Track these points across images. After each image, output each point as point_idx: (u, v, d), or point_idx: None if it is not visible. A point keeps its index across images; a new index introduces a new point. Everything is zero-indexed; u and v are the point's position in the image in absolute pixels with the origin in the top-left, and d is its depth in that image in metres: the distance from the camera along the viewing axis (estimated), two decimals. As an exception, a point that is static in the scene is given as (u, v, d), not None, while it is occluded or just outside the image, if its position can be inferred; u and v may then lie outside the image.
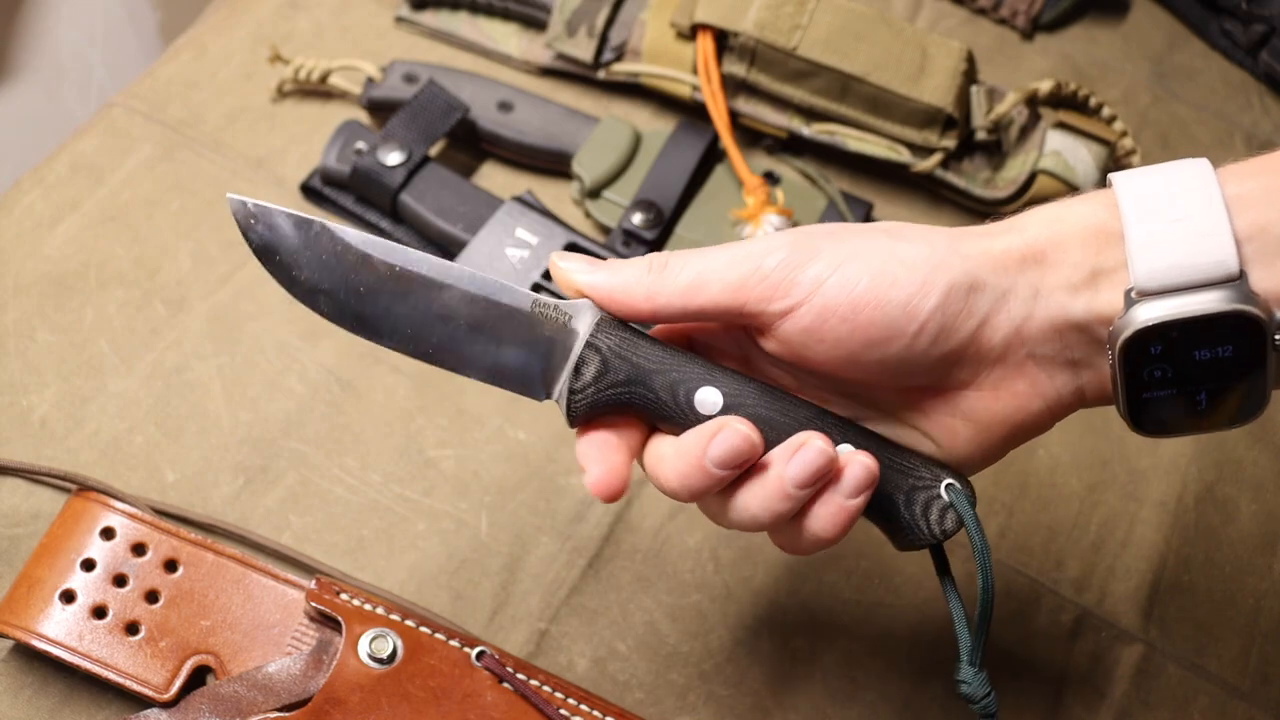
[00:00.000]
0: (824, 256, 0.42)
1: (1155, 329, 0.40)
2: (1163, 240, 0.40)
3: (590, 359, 0.44)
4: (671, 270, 0.43)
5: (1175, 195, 0.40)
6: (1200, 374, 0.41)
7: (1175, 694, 0.62)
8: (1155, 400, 0.42)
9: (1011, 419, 0.44)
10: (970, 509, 0.44)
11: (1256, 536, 0.68)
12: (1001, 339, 0.42)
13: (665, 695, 0.59)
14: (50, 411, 0.64)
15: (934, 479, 0.44)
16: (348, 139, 0.73)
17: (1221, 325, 0.40)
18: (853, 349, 0.42)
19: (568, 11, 0.78)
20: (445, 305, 0.44)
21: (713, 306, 0.43)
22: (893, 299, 0.41)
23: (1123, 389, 0.42)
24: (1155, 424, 0.43)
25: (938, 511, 0.44)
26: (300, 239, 0.44)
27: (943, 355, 0.42)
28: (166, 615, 0.56)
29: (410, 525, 0.63)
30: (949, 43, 0.75)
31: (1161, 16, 0.91)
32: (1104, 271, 0.41)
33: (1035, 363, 0.43)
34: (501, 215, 0.70)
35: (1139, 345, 0.40)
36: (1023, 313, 0.42)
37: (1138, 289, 0.40)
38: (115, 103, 0.77)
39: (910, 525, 0.45)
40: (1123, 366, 0.41)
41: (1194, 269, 0.40)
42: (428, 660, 0.55)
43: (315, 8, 0.82)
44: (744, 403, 0.44)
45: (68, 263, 0.69)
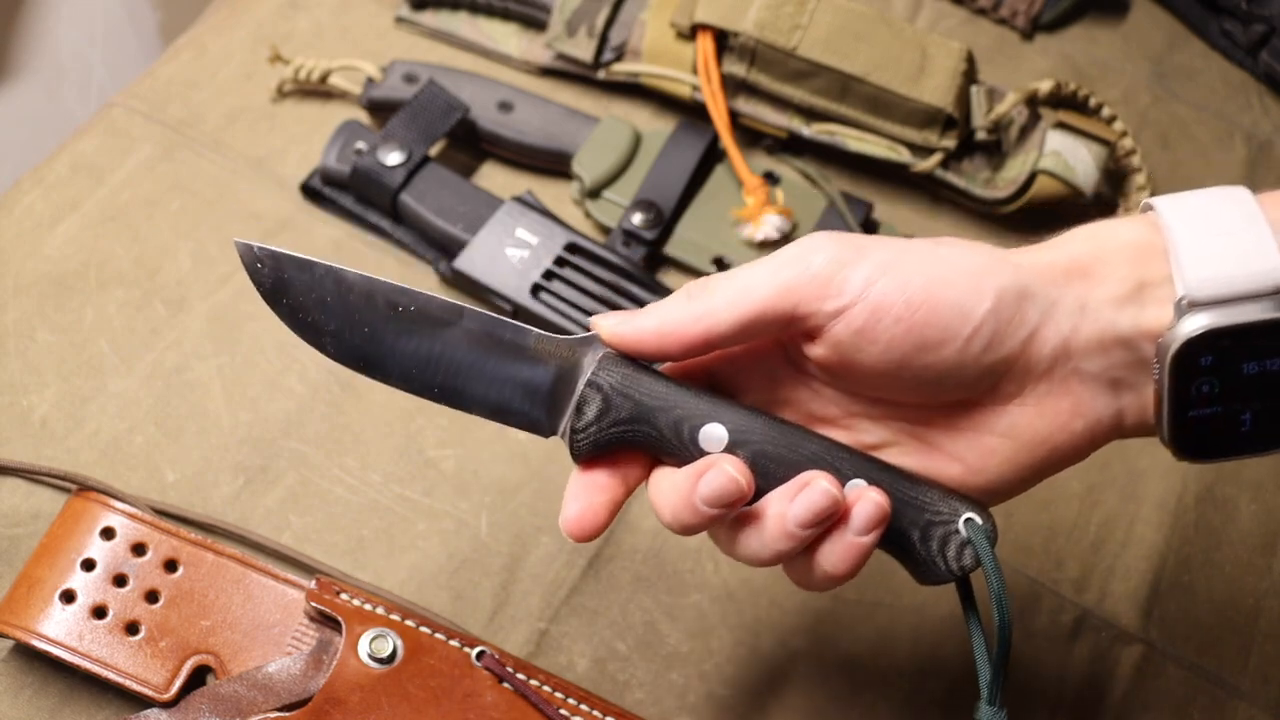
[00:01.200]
0: (872, 256, 0.41)
1: (1207, 337, 0.40)
2: (1211, 251, 0.40)
3: (592, 398, 0.43)
4: (713, 288, 0.43)
5: (1219, 213, 0.41)
6: (1248, 390, 0.41)
7: (1175, 694, 0.62)
8: (1199, 420, 0.41)
9: (1051, 439, 0.43)
10: (988, 546, 0.43)
11: (1256, 536, 0.68)
12: (1050, 352, 0.42)
13: (665, 695, 0.59)
14: (50, 411, 0.64)
15: (952, 514, 0.43)
16: (348, 139, 0.73)
17: (1273, 334, 0.40)
18: (905, 352, 0.41)
19: (568, 11, 0.78)
20: (449, 344, 0.44)
21: (764, 312, 0.42)
22: (947, 300, 0.41)
23: (1169, 405, 0.41)
24: (1198, 446, 0.42)
25: (955, 548, 0.43)
26: (306, 280, 0.44)
27: (993, 364, 0.42)
28: (166, 615, 0.56)
29: (410, 525, 0.63)
30: (949, 43, 0.75)
31: (1161, 16, 0.91)
32: (1149, 285, 0.41)
33: (1080, 380, 0.42)
34: (501, 215, 0.70)
35: (1190, 355, 0.40)
36: (1070, 326, 0.42)
37: (1189, 298, 0.40)
38: (115, 103, 0.77)
39: (927, 561, 0.44)
40: (1171, 379, 0.41)
41: (1244, 278, 0.40)
42: (428, 660, 0.55)
43: (315, 8, 0.82)
44: (750, 439, 0.43)
45: (68, 263, 0.69)
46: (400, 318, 0.44)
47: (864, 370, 0.43)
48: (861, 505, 0.42)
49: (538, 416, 0.45)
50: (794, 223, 0.73)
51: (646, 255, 0.72)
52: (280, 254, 0.44)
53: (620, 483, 0.44)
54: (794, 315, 0.42)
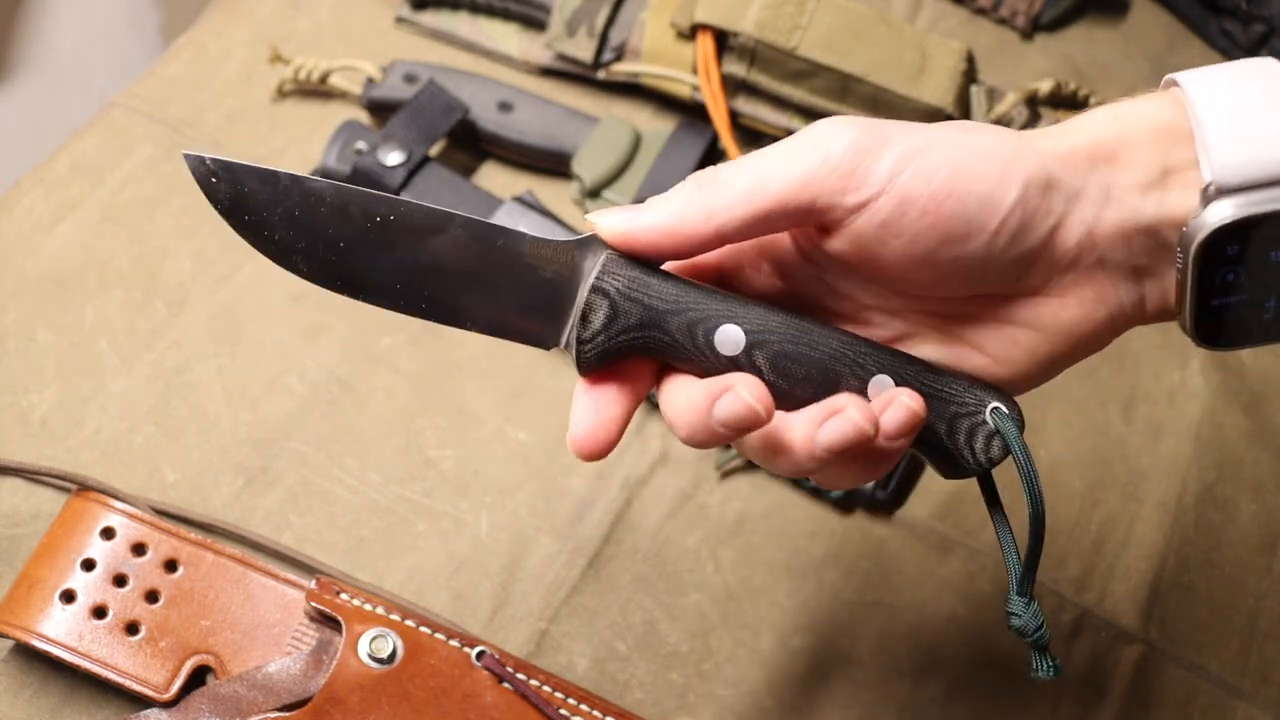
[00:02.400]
0: (895, 144, 0.39)
1: (1233, 226, 0.38)
2: (1239, 132, 0.38)
3: (598, 304, 0.40)
4: (725, 180, 0.40)
5: (1247, 89, 0.39)
6: (1274, 277, 0.39)
7: (1175, 694, 0.62)
8: (1223, 308, 0.40)
9: (1076, 328, 0.41)
10: (1017, 433, 0.41)
11: (1256, 536, 0.68)
12: (1075, 242, 0.40)
13: (665, 695, 0.59)
14: (50, 411, 0.64)
15: (978, 404, 0.42)
16: (348, 139, 0.73)
17: None
18: (930, 245, 0.39)
19: (568, 12, 0.78)
20: (435, 254, 0.41)
21: (780, 206, 0.39)
22: (974, 191, 0.39)
23: (1192, 294, 0.39)
24: (1220, 334, 0.40)
25: (983, 439, 0.42)
26: (269, 194, 0.41)
27: (1020, 255, 0.40)
28: (167, 615, 0.56)
29: (410, 525, 0.63)
30: (949, 43, 0.75)
31: (1161, 16, 0.91)
32: (1174, 170, 0.39)
33: (1104, 269, 0.41)
34: (501, 215, 0.70)
35: (1216, 243, 0.38)
36: (1094, 214, 0.40)
37: (1216, 184, 0.38)
38: (115, 103, 0.77)
39: (955, 454, 0.42)
40: (1195, 268, 0.39)
41: (1271, 163, 0.38)
42: (428, 660, 0.55)
43: (315, 8, 0.82)
44: (769, 339, 0.41)
45: (68, 263, 0.69)
46: (380, 228, 0.41)
47: (886, 263, 0.41)
48: (892, 411, 0.40)
49: (538, 327, 0.42)
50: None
51: (646, 255, 0.72)
52: (237, 165, 0.41)
53: (630, 394, 0.42)
54: (813, 208, 0.39)
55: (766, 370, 0.41)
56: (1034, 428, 0.69)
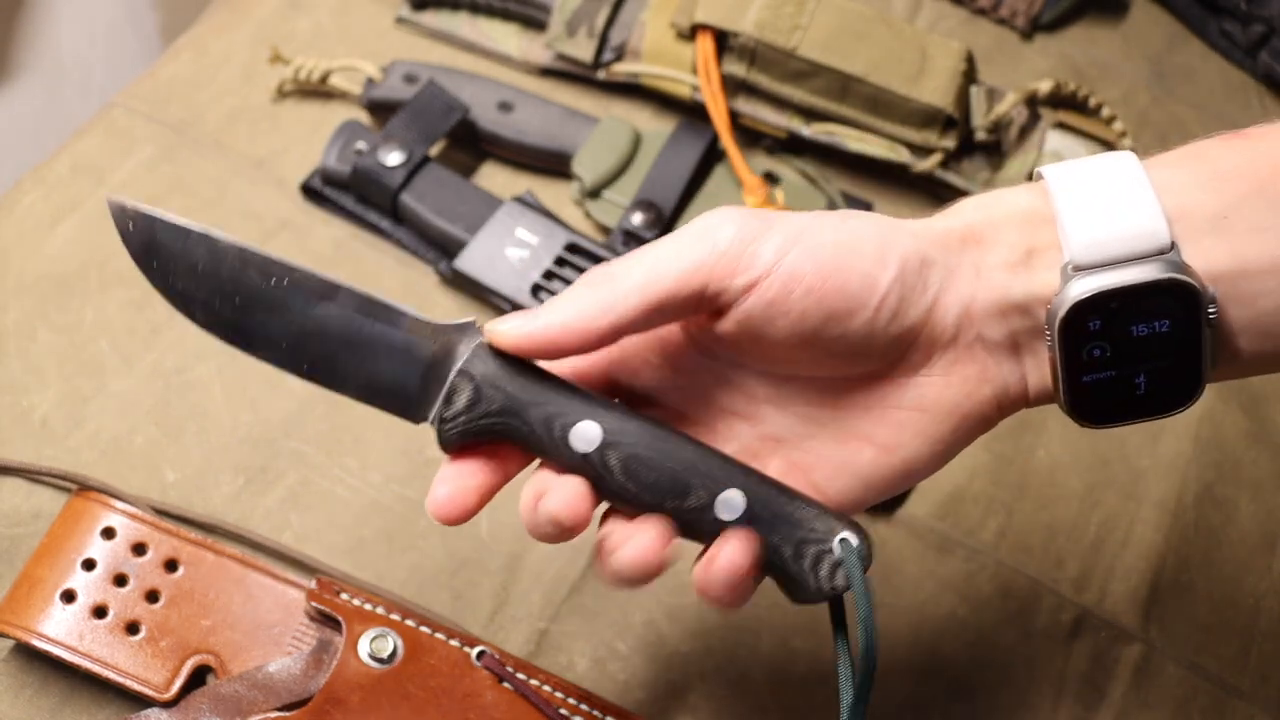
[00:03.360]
0: (779, 227, 0.41)
1: (1093, 300, 0.40)
2: (1094, 215, 0.41)
3: (462, 387, 0.42)
4: (618, 275, 0.41)
5: (1103, 177, 0.41)
6: (1139, 352, 0.41)
7: (1175, 694, 0.62)
8: (1094, 384, 0.42)
9: (960, 407, 0.43)
10: (859, 568, 0.42)
11: (1256, 536, 0.68)
12: (953, 318, 0.42)
13: (665, 695, 0.59)
14: (51, 411, 0.64)
15: (827, 532, 0.42)
16: (348, 139, 0.73)
17: (1158, 295, 0.40)
18: (816, 323, 0.41)
19: (568, 12, 0.78)
20: (320, 321, 0.43)
21: (673, 294, 0.41)
22: (855, 268, 0.41)
23: (1062, 370, 0.41)
24: (1095, 410, 0.42)
25: (828, 567, 0.43)
26: (178, 246, 0.43)
27: (901, 332, 0.42)
28: (167, 615, 0.56)
29: (410, 525, 0.63)
30: (949, 43, 0.75)
31: (1161, 16, 0.91)
32: (1038, 250, 0.41)
33: (984, 347, 0.43)
34: (501, 215, 0.70)
35: (1077, 320, 0.40)
36: (969, 291, 0.42)
37: (1073, 263, 0.40)
38: (116, 103, 0.77)
39: (798, 579, 0.43)
40: (1062, 344, 0.41)
41: (1127, 240, 0.40)
42: (428, 660, 0.55)
43: (315, 8, 0.82)
44: (624, 440, 0.42)
45: (68, 263, 0.69)
46: (273, 290, 0.43)
47: (773, 343, 0.42)
48: (722, 557, 0.42)
49: (407, 402, 0.43)
50: (794, 223, 0.73)
51: (646, 255, 0.72)
52: (154, 216, 0.43)
53: (496, 471, 0.44)
54: (704, 294, 0.41)
55: (618, 471, 0.42)
56: (1034, 428, 0.69)
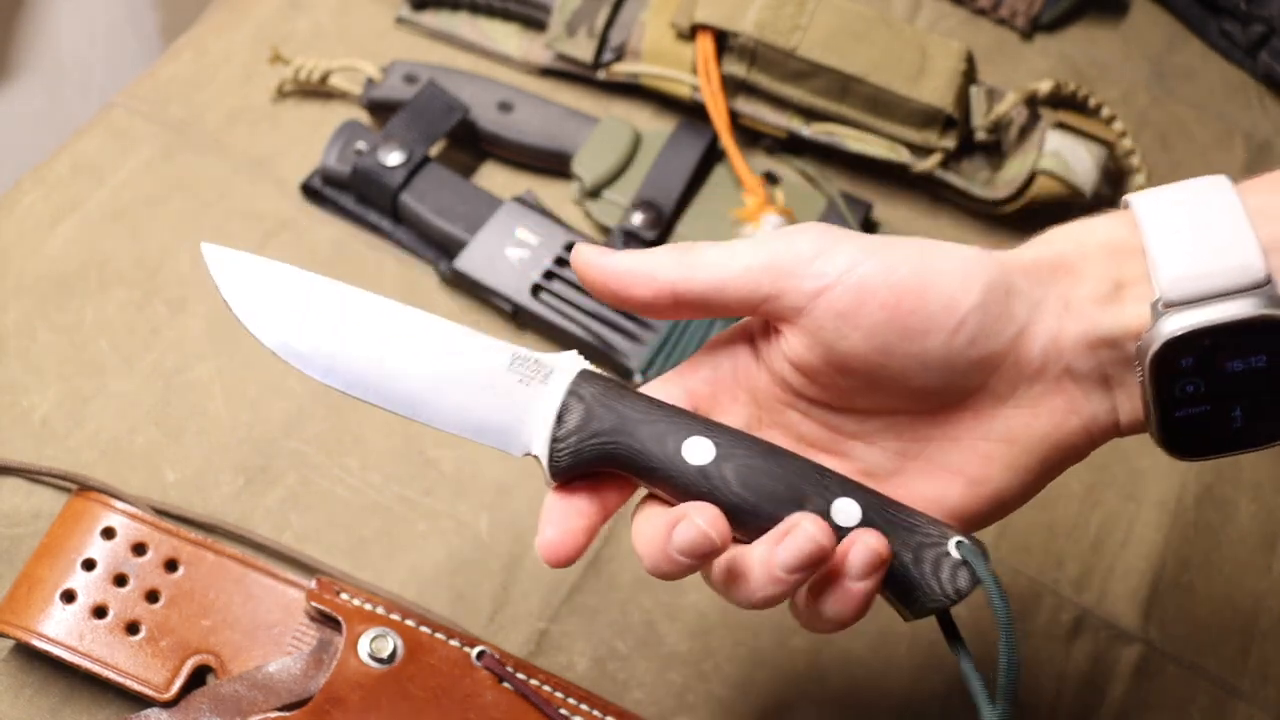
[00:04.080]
0: (855, 243, 0.41)
1: (1184, 339, 0.39)
2: (1185, 249, 0.39)
3: (574, 406, 0.42)
4: (699, 249, 0.42)
5: (1195, 206, 0.40)
6: (1234, 388, 0.40)
7: (1175, 694, 0.62)
8: (1189, 419, 0.40)
9: (1049, 438, 0.42)
10: (986, 564, 0.41)
11: (1256, 536, 0.68)
12: (1040, 351, 0.41)
13: (665, 695, 0.59)
14: (51, 411, 0.64)
15: (941, 536, 0.41)
16: (348, 139, 0.73)
17: (1253, 332, 0.39)
18: (888, 340, 0.40)
19: (568, 12, 0.78)
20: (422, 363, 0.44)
21: (742, 285, 0.41)
22: (934, 287, 0.40)
23: (1154, 407, 0.40)
24: (1190, 444, 0.41)
25: (949, 569, 0.41)
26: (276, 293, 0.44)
27: (981, 359, 0.41)
28: (167, 615, 0.56)
29: (410, 525, 0.63)
30: (949, 43, 0.75)
31: (1161, 17, 0.91)
32: (1126, 284, 0.40)
33: (1072, 379, 0.41)
34: (501, 215, 0.70)
35: (1169, 358, 0.39)
36: (1057, 324, 0.41)
37: (1164, 300, 0.39)
38: (116, 103, 0.77)
39: (921, 585, 0.41)
40: (1154, 381, 0.40)
41: (1220, 275, 0.39)
42: (428, 660, 0.55)
43: (315, 8, 0.82)
44: (736, 452, 0.41)
45: (68, 263, 0.69)
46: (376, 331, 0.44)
47: (846, 363, 0.41)
48: (856, 551, 0.40)
49: (509, 432, 0.43)
50: (794, 223, 0.73)
51: (646, 255, 0.72)
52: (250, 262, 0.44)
53: (599, 508, 0.43)
54: (772, 291, 0.41)
55: (734, 482, 0.41)
56: (1034, 428, 0.69)
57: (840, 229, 0.42)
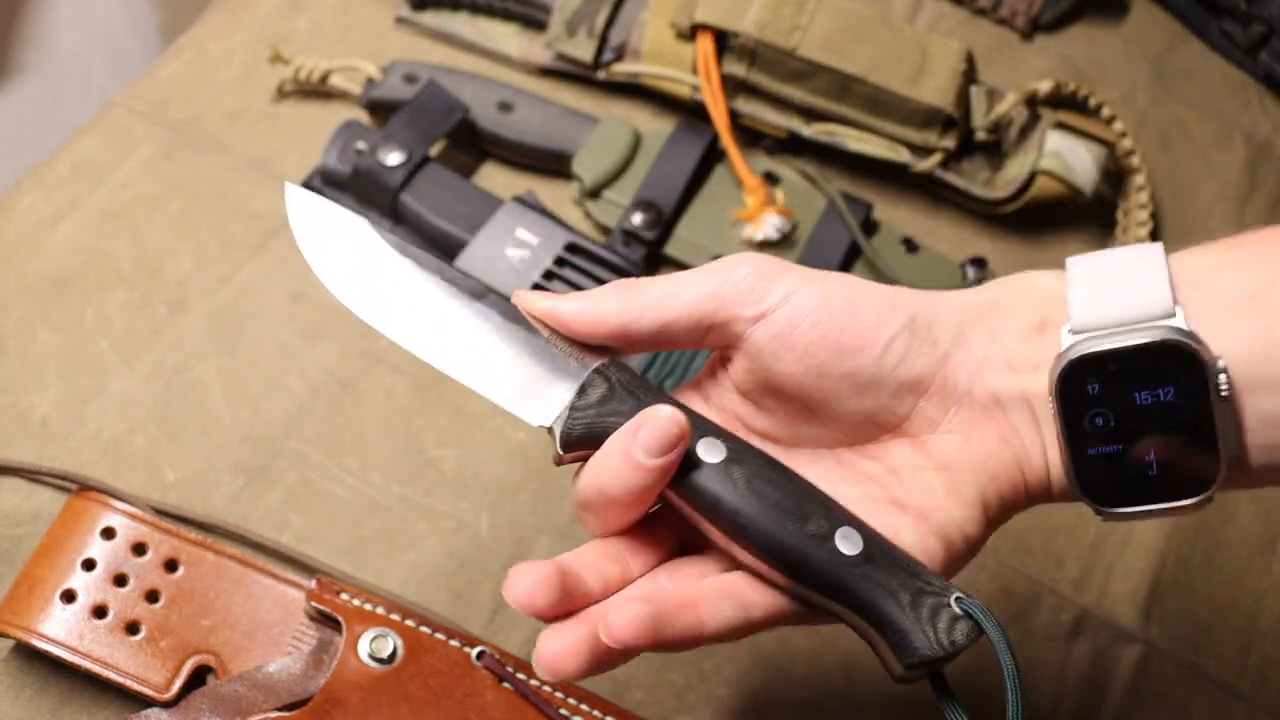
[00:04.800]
0: (794, 271, 0.43)
1: (1089, 360, 0.41)
2: (1100, 286, 0.42)
3: (597, 383, 0.43)
4: (644, 287, 0.44)
5: (1121, 259, 0.42)
6: (1143, 423, 0.41)
7: (1175, 694, 0.62)
8: (1101, 459, 0.41)
9: (984, 466, 0.43)
10: (991, 619, 0.40)
11: (1256, 536, 0.68)
12: (965, 375, 0.43)
13: (665, 695, 0.59)
14: (51, 411, 0.64)
15: (943, 588, 0.41)
16: (348, 139, 0.73)
17: (1159, 360, 0.40)
18: (822, 359, 0.42)
19: (568, 12, 0.78)
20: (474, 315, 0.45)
21: (685, 315, 0.43)
22: (865, 311, 0.42)
23: (1065, 438, 0.41)
24: (1107, 492, 0.42)
25: (947, 620, 0.41)
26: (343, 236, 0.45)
27: (910, 380, 0.43)
28: (167, 615, 0.56)
29: (410, 525, 0.63)
30: (949, 43, 0.75)
31: (1161, 17, 0.91)
32: (1050, 322, 0.43)
33: (1001, 409, 0.43)
34: (501, 215, 0.70)
35: (1076, 380, 0.41)
36: (982, 353, 0.43)
37: (1072, 327, 0.42)
38: (116, 103, 0.77)
39: (912, 632, 0.41)
40: (1061, 408, 0.41)
41: (1128, 306, 0.41)
42: (428, 660, 0.55)
43: (315, 8, 0.82)
44: (748, 459, 0.42)
45: (68, 263, 0.69)
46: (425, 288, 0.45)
47: (783, 386, 0.43)
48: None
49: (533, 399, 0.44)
50: (794, 223, 0.73)
51: (646, 255, 0.72)
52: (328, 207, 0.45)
53: None
54: (714, 320, 0.43)
55: (742, 486, 0.42)
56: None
57: (778, 260, 0.44)
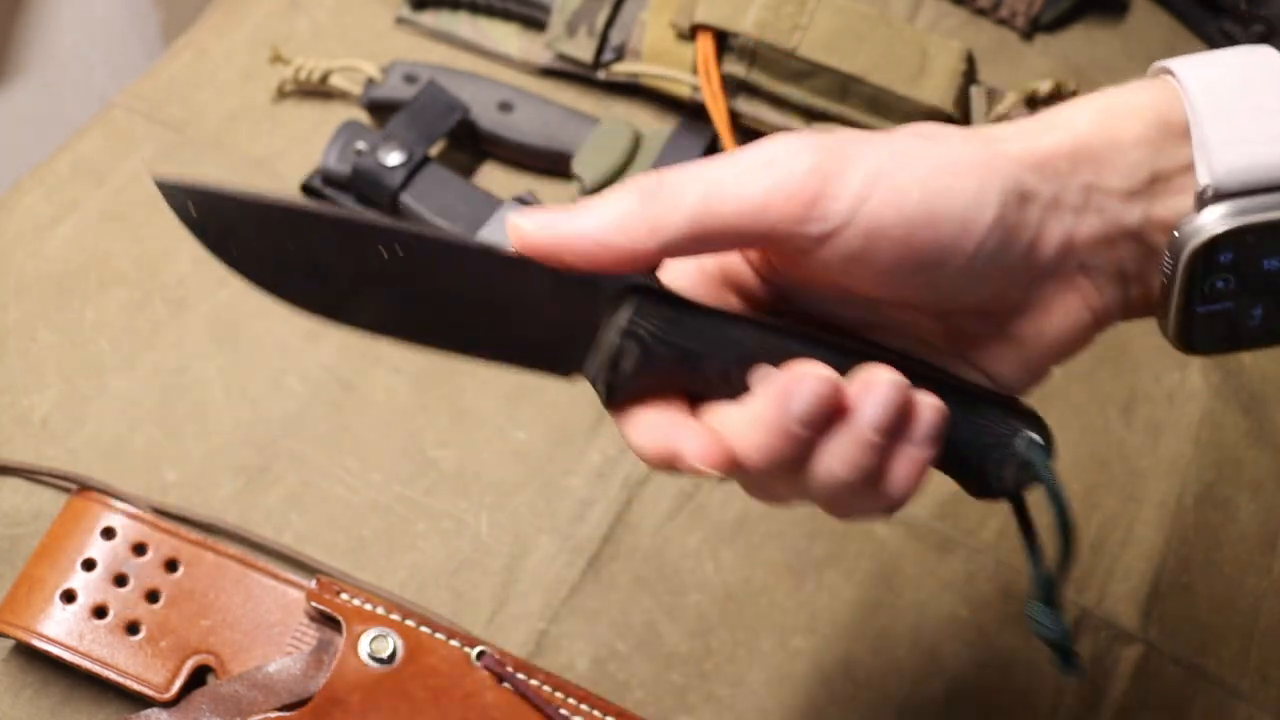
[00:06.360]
0: (859, 164, 0.36)
1: (1232, 233, 0.36)
2: (1241, 132, 0.36)
3: (629, 350, 0.37)
4: (670, 191, 0.36)
5: (1248, 83, 0.36)
6: (1264, 286, 0.37)
7: (1175, 694, 0.62)
8: (1209, 315, 0.38)
9: (1060, 335, 0.39)
10: (1047, 466, 0.39)
11: (1256, 536, 0.68)
12: (1054, 252, 0.38)
13: (665, 695, 0.59)
14: (51, 411, 0.64)
15: (1010, 431, 0.40)
16: (348, 139, 0.73)
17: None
18: (901, 274, 0.36)
19: (568, 12, 0.78)
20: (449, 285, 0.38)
21: (733, 229, 0.35)
22: (948, 214, 0.36)
23: (1179, 301, 0.37)
24: (1202, 338, 0.38)
25: (1013, 468, 0.40)
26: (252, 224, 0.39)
27: (996, 274, 0.37)
28: (167, 615, 0.56)
29: (410, 525, 0.63)
30: (949, 43, 0.75)
31: (1161, 17, 0.91)
32: (1164, 175, 0.37)
33: (1086, 275, 0.39)
34: (501, 215, 0.70)
35: (1211, 251, 0.36)
36: (1073, 222, 0.37)
37: (1215, 188, 0.36)
38: (116, 103, 0.77)
39: (986, 477, 0.40)
40: (1186, 275, 0.37)
41: (1276, 167, 0.36)
42: (428, 660, 0.55)
43: (315, 8, 0.82)
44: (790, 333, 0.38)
45: (68, 263, 0.69)
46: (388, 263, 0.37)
47: (851, 293, 0.38)
48: (923, 412, 0.36)
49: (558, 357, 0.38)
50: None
51: (646, 255, 0.72)
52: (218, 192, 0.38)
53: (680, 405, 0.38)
54: (770, 235, 0.36)
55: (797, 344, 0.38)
56: (1034, 428, 0.69)
57: (836, 141, 0.36)
